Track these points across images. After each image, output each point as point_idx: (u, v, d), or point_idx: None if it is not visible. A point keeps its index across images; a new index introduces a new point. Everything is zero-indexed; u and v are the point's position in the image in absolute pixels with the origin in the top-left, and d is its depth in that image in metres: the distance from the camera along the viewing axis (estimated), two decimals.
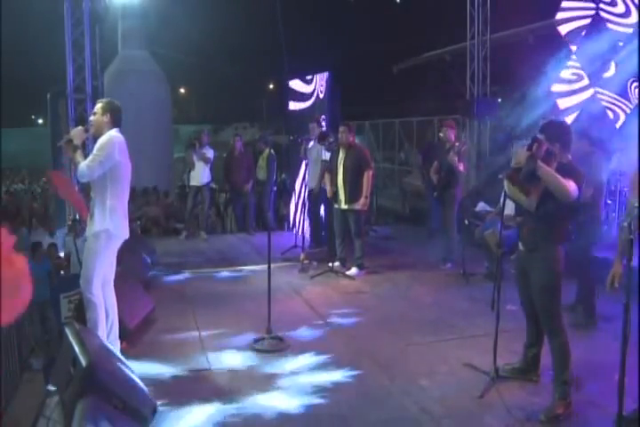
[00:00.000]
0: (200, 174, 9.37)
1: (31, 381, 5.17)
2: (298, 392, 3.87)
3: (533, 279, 3.64)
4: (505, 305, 3.94)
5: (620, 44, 6.78)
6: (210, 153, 9.38)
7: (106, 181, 4.15)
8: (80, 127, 4.37)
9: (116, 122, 4.29)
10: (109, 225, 4.14)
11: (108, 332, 4.24)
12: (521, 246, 3.75)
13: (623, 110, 6.92)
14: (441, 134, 7.27)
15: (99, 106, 4.33)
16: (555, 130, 3.66)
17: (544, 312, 3.61)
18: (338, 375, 4.13)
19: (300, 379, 4.09)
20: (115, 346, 4.23)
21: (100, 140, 4.19)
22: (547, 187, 3.43)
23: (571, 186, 3.39)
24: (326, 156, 7.30)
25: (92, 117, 4.35)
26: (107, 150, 4.11)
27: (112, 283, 4.35)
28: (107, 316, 4.24)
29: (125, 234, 4.30)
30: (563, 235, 3.62)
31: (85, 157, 4.14)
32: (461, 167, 6.87)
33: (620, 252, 3.43)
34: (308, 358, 4.44)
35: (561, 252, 3.60)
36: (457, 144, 6.91)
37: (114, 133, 4.23)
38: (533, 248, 3.63)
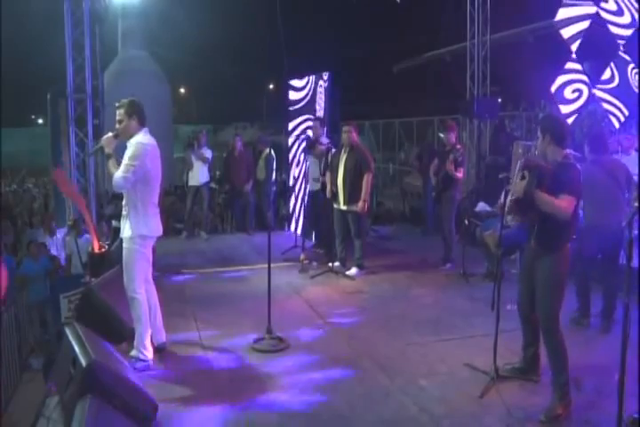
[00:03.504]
0: (198, 174, 9.41)
1: (31, 381, 5.18)
2: (298, 392, 3.87)
3: (540, 277, 3.63)
4: (505, 305, 3.95)
5: (621, 42, 6.76)
6: (208, 153, 9.41)
7: (137, 186, 4.17)
8: (110, 134, 4.26)
9: (143, 121, 4.24)
10: (143, 229, 4.22)
11: (152, 325, 4.43)
12: (532, 244, 3.73)
13: (622, 112, 6.91)
14: (441, 135, 7.28)
15: (121, 111, 4.20)
16: (548, 123, 3.71)
17: (544, 311, 3.61)
18: (337, 375, 4.13)
19: (300, 379, 4.09)
20: (160, 336, 4.52)
21: (131, 148, 4.13)
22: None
23: (565, 205, 3.45)
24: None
25: (117, 126, 4.24)
26: (139, 160, 4.08)
27: (151, 279, 4.52)
28: (150, 310, 4.40)
29: (158, 231, 4.38)
30: (570, 234, 3.64)
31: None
32: (460, 174, 6.91)
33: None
34: (307, 358, 4.44)
35: (568, 251, 3.63)
36: (458, 147, 6.93)
37: (145, 140, 4.16)
38: (544, 252, 3.62)
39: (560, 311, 3.59)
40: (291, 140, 9.46)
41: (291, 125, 9.46)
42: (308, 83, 8.90)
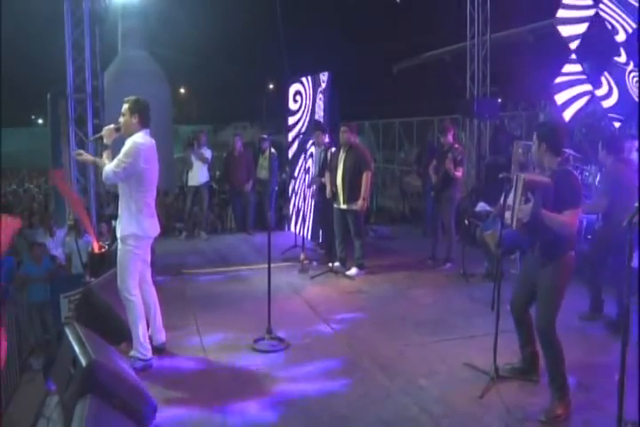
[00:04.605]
0: (198, 174, 9.43)
1: (31, 381, 5.18)
2: (297, 392, 3.87)
3: (541, 284, 3.62)
4: (505, 305, 3.94)
5: (620, 37, 6.73)
6: (208, 153, 9.43)
7: (130, 186, 4.20)
8: (112, 126, 4.33)
9: (144, 122, 4.25)
10: (136, 229, 4.22)
11: (152, 325, 4.46)
12: (534, 252, 3.72)
13: (609, 84, 6.87)
14: (442, 139, 7.31)
15: (125, 106, 4.24)
16: (545, 132, 3.70)
17: (543, 315, 3.60)
18: (337, 375, 4.13)
19: (300, 379, 4.09)
20: (160, 336, 4.52)
21: (127, 146, 4.17)
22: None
23: (572, 220, 3.46)
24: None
25: (120, 119, 4.27)
26: (132, 158, 4.10)
27: (150, 280, 4.51)
28: (149, 311, 4.43)
29: (154, 232, 4.38)
30: (573, 242, 3.64)
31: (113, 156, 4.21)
32: (459, 173, 6.94)
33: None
34: (307, 359, 4.44)
35: (572, 258, 3.62)
36: (456, 146, 6.96)
37: (140, 140, 4.18)
38: (546, 261, 3.62)
39: (557, 315, 3.59)
40: (291, 136, 9.48)
41: (290, 136, 9.50)
42: (302, 92, 8.91)
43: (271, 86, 35.23)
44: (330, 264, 6.94)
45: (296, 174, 9.24)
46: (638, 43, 6.35)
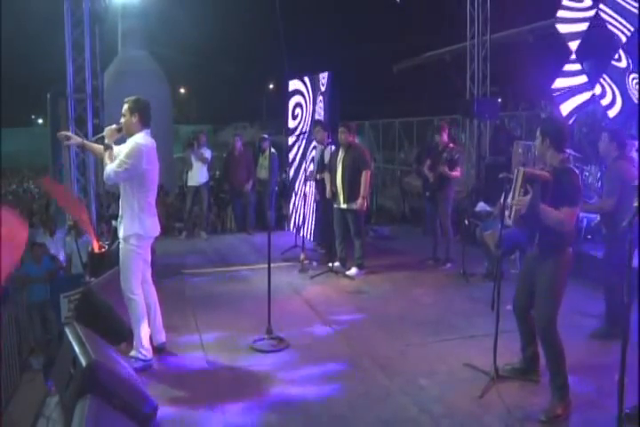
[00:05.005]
0: (198, 174, 9.44)
1: (31, 381, 5.18)
2: (297, 392, 3.87)
3: (541, 281, 3.62)
4: (505, 305, 3.94)
5: (622, 38, 6.72)
6: (207, 153, 9.43)
7: (133, 186, 4.21)
8: (114, 126, 4.33)
9: (145, 121, 4.25)
10: (138, 229, 4.23)
11: (152, 325, 4.45)
12: (535, 250, 3.72)
13: (613, 93, 6.85)
14: (437, 138, 7.32)
15: (125, 107, 4.25)
16: (548, 127, 3.71)
17: (543, 313, 3.60)
18: (337, 375, 4.13)
19: (300, 379, 4.08)
20: (160, 336, 4.52)
21: (128, 146, 4.17)
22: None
23: (568, 219, 3.46)
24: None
25: (121, 119, 4.28)
26: (134, 159, 4.10)
27: (150, 280, 4.52)
28: (150, 311, 4.43)
29: (155, 231, 4.39)
30: (571, 238, 3.65)
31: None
32: (457, 173, 6.99)
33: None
34: (307, 359, 4.44)
35: (571, 254, 3.62)
36: (450, 146, 6.98)
37: (141, 141, 4.18)
38: (546, 257, 3.62)
39: (557, 312, 3.59)
40: (291, 140, 9.47)
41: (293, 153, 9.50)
42: (302, 103, 8.90)
43: (271, 86, 35.24)
44: (330, 264, 6.94)
45: (297, 184, 9.22)
46: (638, 45, 6.34)
